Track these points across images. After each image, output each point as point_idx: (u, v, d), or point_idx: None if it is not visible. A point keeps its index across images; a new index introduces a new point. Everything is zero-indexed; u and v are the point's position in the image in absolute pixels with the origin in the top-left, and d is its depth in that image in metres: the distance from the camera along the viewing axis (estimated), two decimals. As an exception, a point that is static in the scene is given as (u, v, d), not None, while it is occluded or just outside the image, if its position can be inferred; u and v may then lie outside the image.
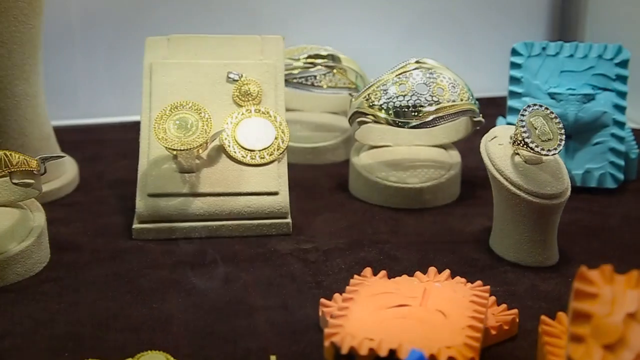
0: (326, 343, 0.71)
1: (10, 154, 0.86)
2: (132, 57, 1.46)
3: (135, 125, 1.41)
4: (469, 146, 1.20)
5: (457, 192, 1.15)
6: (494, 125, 1.09)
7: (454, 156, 1.17)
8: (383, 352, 0.69)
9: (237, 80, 1.10)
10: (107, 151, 1.33)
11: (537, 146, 0.92)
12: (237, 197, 1.03)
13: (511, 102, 1.19)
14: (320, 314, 0.81)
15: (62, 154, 0.96)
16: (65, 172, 1.17)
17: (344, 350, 0.70)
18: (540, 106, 0.93)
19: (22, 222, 0.93)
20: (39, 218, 0.94)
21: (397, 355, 0.69)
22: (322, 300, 0.82)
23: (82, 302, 0.86)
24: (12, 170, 0.86)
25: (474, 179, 1.19)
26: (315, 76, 1.28)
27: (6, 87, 1.05)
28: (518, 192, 0.93)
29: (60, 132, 1.18)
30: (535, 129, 0.93)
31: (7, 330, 0.80)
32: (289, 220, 1.03)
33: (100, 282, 0.90)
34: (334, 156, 1.30)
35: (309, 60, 1.27)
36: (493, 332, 0.78)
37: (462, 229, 1.05)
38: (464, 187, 1.17)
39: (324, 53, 1.28)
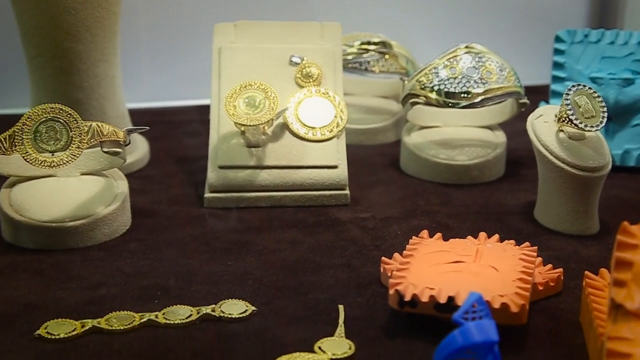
0: (391, 291, 0.79)
1: (102, 125, 0.94)
2: (191, 44, 1.55)
3: (198, 109, 1.50)
4: (512, 130, 1.27)
5: (503, 170, 1.22)
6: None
7: (500, 136, 1.24)
8: (442, 299, 0.76)
9: (298, 64, 1.17)
10: (173, 131, 1.41)
11: (580, 122, 0.99)
12: (300, 170, 1.11)
13: (554, 86, 1.26)
14: (381, 270, 0.89)
15: (146, 127, 1.03)
16: (137, 149, 1.25)
17: (407, 297, 0.77)
18: (584, 86, 1.00)
19: (107, 189, 1.01)
20: (123, 185, 1.03)
21: (454, 302, 0.76)
22: (383, 258, 0.90)
23: (164, 259, 0.94)
24: (103, 139, 0.95)
25: (518, 159, 1.26)
26: (368, 61, 1.35)
27: (89, 68, 1.13)
28: (562, 165, 1.00)
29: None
30: (579, 107, 0.99)
31: (101, 281, 0.89)
32: (347, 191, 1.11)
33: (178, 243, 0.98)
34: (385, 137, 1.37)
35: (362, 46, 1.35)
36: (540, 287, 0.85)
37: (508, 202, 1.12)
38: (509, 166, 1.23)
39: (376, 40, 1.35)
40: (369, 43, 1.35)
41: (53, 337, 0.77)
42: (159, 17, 1.55)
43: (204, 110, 1.46)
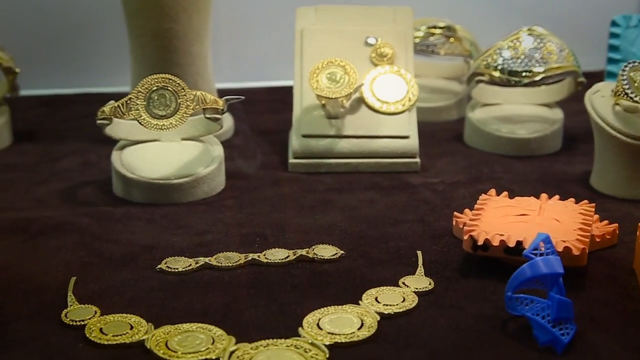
0: (465, 237, 0.88)
1: (205, 94, 1.05)
2: (269, 29, 1.66)
3: (272, 90, 1.61)
4: (569, 110, 1.35)
5: (560, 144, 1.31)
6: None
7: (557, 113, 1.33)
8: (511, 243, 0.86)
9: (373, 44, 1.27)
10: (253, 108, 1.52)
11: (636, 96, 1.07)
12: (375, 140, 1.21)
13: (609, 67, 1.34)
14: (453, 223, 0.99)
15: (241, 96, 1.13)
16: (223, 122, 1.36)
17: (480, 241, 0.87)
18: None
19: (205, 152, 1.12)
20: (218, 150, 1.14)
21: (522, 246, 0.85)
22: (455, 212, 0.99)
23: (258, 213, 1.05)
24: (206, 107, 1.06)
25: (574, 135, 1.34)
26: (434, 44, 1.45)
27: (185, 47, 1.25)
28: (618, 135, 1.08)
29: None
30: (635, 82, 1.08)
31: (206, 229, 1.00)
32: (417, 159, 1.21)
33: (269, 200, 1.09)
34: (449, 115, 1.47)
35: (429, 30, 1.45)
36: (597, 239, 0.94)
37: (565, 171, 1.21)
38: (566, 140, 1.32)
39: (442, 24, 1.45)
40: (435, 27, 1.45)
41: (172, 270, 0.88)
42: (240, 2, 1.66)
43: (279, 90, 1.58)
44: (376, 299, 0.82)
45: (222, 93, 1.55)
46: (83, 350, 0.73)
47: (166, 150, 1.11)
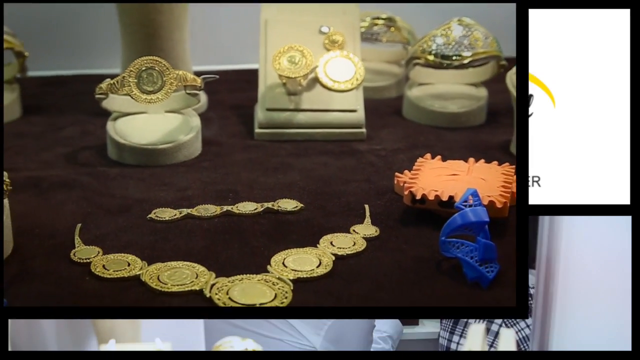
0: (406, 192, 0.93)
1: (186, 74, 1.08)
2: (236, 19, 1.68)
3: (242, 72, 1.63)
4: (492, 89, 1.40)
5: (484, 117, 1.35)
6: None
7: (482, 91, 1.38)
8: (444, 197, 0.91)
9: (326, 32, 1.31)
10: (222, 87, 1.53)
11: (545, 76, 1.12)
12: (328, 113, 1.24)
13: (525, 53, 1.39)
14: (395, 182, 1.03)
15: (216, 75, 1.16)
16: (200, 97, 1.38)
17: (418, 196, 0.92)
18: (549, 49, 1.14)
19: (185, 122, 1.15)
20: (196, 121, 1.17)
21: (454, 200, 0.90)
22: (396, 173, 1.04)
23: (231, 173, 1.08)
24: (186, 84, 1.09)
25: (497, 111, 1.38)
26: (378, 33, 1.49)
27: (167, 35, 1.28)
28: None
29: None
30: (545, 64, 1.13)
31: (187, 186, 1.03)
32: (364, 130, 1.25)
33: (239, 163, 1.13)
34: (389, 93, 1.50)
35: (373, 21, 1.48)
36: (516, 195, 0.99)
37: (489, 140, 1.25)
38: (489, 115, 1.36)
39: (384, 16, 1.49)
40: (378, 18, 1.48)
41: (160, 219, 0.91)
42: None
43: (246, 72, 1.60)
44: (331, 242, 0.87)
45: (197, 74, 1.58)
46: (89, 282, 0.77)
47: (152, 120, 1.14)
